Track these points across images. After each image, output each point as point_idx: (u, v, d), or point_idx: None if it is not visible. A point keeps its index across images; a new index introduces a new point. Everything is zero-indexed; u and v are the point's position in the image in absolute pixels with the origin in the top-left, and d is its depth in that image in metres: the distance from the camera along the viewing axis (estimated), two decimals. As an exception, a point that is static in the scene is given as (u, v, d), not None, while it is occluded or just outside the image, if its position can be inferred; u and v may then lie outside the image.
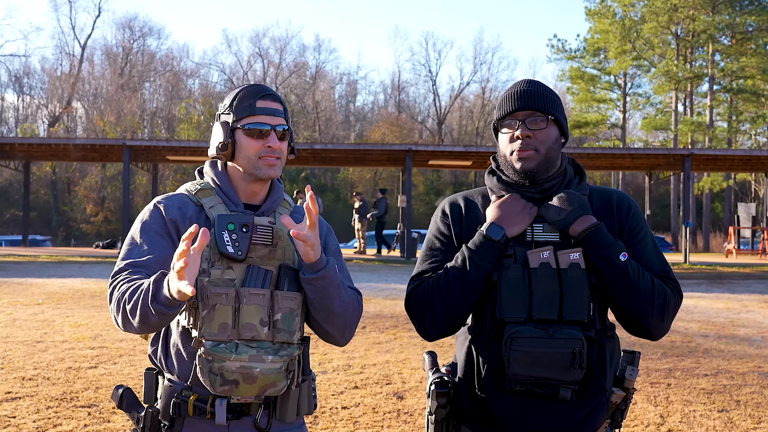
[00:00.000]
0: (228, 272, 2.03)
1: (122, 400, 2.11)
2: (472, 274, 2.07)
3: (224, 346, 1.96)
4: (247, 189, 2.17)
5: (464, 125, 57.56)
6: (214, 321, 1.97)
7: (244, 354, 1.96)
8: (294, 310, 2.05)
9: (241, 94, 2.16)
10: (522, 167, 2.12)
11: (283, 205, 2.23)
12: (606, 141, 49.81)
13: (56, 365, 6.70)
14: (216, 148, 2.14)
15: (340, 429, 5.04)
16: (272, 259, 2.08)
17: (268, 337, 2.01)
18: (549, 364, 1.98)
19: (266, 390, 1.99)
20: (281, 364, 2.00)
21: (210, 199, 2.14)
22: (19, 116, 54.12)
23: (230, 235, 2.03)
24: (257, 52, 57.20)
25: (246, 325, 1.99)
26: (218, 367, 1.95)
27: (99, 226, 44.07)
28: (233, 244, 2.03)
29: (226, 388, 1.96)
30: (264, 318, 2.01)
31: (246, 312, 1.99)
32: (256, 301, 2.01)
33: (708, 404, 5.79)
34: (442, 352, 7.09)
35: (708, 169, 30.55)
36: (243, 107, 2.13)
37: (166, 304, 1.85)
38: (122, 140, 24.56)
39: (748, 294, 13.78)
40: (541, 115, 2.11)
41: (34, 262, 18.79)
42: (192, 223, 2.09)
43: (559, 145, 2.15)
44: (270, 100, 2.15)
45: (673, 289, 2.12)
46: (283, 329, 2.02)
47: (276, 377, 1.99)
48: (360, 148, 26.25)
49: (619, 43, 41.56)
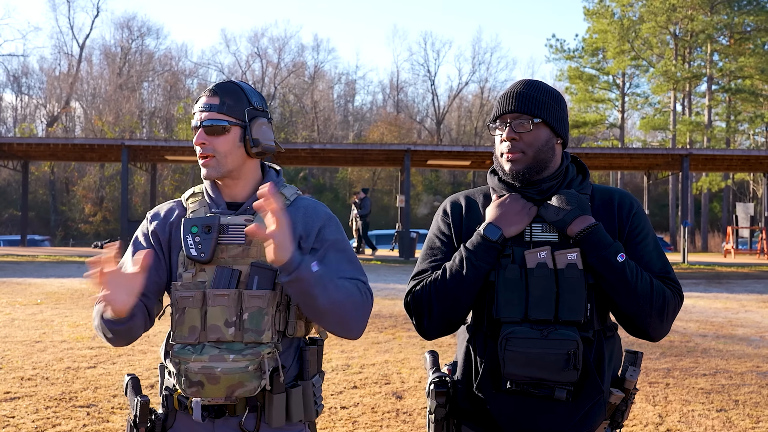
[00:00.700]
0: (200, 275, 2.05)
1: (127, 386, 2.16)
2: (470, 274, 2.08)
3: (190, 348, 1.99)
4: (224, 189, 2.16)
5: (463, 125, 57.56)
6: (185, 324, 2.01)
7: (206, 354, 1.96)
8: (263, 309, 2.00)
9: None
10: (510, 168, 2.13)
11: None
12: (604, 141, 49.84)
13: (55, 365, 6.70)
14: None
15: (339, 429, 5.04)
16: (246, 257, 2.05)
17: (237, 338, 1.99)
18: (544, 365, 1.97)
19: (234, 390, 1.95)
20: (246, 363, 1.95)
21: (195, 203, 2.16)
22: (18, 116, 54.06)
23: (193, 238, 2.05)
24: (256, 52, 57.20)
25: (211, 327, 2.00)
26: (184, 369, 1.97)
27: (97, 225, 44.05)
28: (196, 247, 2.04)
29: (193, 390, 1.96)
30: (230, 318, 2.00)
31: (212, 314, 2.00)
32: (221, 302, 2.00)
33: (706, 404, 5.79)
34: (442, 351, 7.09)
35: (706, 169, 30.56)
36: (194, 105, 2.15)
37: (110, 320, 1.96)
38: (121, 140, 24.54)
39: (747, 294, 13.80)
40: (528, 117, 2.10)
41: (33, 262, 18.78)
42: (171, 229, 2.15)
43: (550, 147, 2.13)
44: (208, 95, 2.10)
45: (674, 290, 2.11)
46: (251, 329, 1.99)
47: (242, 377, 1.95)
48: (359, 148, 26.25)
49: (618, 43, 41.58)
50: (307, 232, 2.13)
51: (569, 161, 2.22)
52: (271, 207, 1.82)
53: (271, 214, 1.83)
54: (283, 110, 54.40)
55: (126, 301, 1.88)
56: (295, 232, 2.14)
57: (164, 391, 2.12)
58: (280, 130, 50.26)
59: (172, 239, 2.13)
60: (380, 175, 50.15)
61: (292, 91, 55.67)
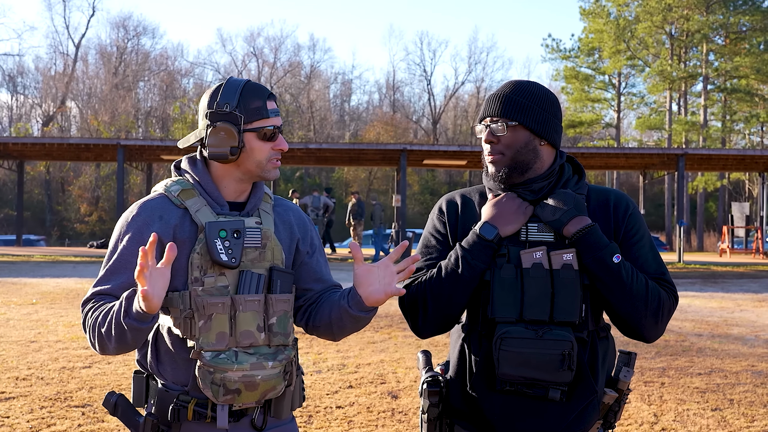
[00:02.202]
0: (221, 279, 1.99)
1: (116, 408, 2.06)
2: (465, 273, 2.08)
3: (224, 356, 1.95)
4: (238, 188, 2.11)
5: (459, 125, 57.59)
6: (211, 331, 1.96)
7: (245, 363, 1.95)
8: (287, 312, 2.05)
9: (247, 93, 2.06)
10: (492, 170, 2.16)
11: (264, 200, 2.18)
12: (600, 140, 49.90)
13: (50, 365, 6.69)
14: (228, 152, 2.02)
15: (334, 428, 5.04)
16: (263, 261, 2.05)
17: (265, 342, 2.01)
18: (538, 365, 1.98)
19: (267, 394, 2.00)
20: (280, 369, 2.00)
21: (194, 201, 2.05)
22: (13, 116, 53.94)
23: (223, 242, 1.98)
24: (252, 52, 57.17)
25: (243, 333, 1.98)
26: (220, 378, 1.93)
27: (93, 225, 43.97)
28: (227, 252, 1.98)
29: (228, 398, 1.95)
30: (260, 323, 2.00)
31: (242, 319, 1.98)
32: (252, 308, 1.99)
33: (701, 403, 5.80)
34: (436, 351, 7.10)
35: (702, 168, 30.63)
36: (254, 109, 2.04)
37: (138, 319, 1.85)
38: (116, 140, 24.53)
39: (742, 293, 13.83)
40: (503, 120, 2.11)
41: (28, 262, 18.74)
42: (176, 231, 2.03)
43: (531, 148, 2.12)
44: (273, 100, 2.12)
45: (669, 291, 2.11)
46: (279, 332, 2.02)
47: (275, 381, 2.00)
48: (355, 147, 26.25)
49: (614, 42, 41.61)
50: (302, 235, 2.20)
51: (563, 161, 2.22)
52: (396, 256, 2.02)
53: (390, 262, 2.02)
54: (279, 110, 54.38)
55: (161, 296, 1.83)
56: (293, 233, 2.18)
57: (172, 404, 2.03)
58: (276, 129, 50.18)
59: (178, 241, 2.02)
60: (376, 175, 50.15)
61: (288, 90, 55.60)
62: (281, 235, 2.14)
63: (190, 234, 2.03)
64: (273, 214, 2.15)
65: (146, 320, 1.86)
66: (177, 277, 1.99)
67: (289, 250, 2.15)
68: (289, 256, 2.15)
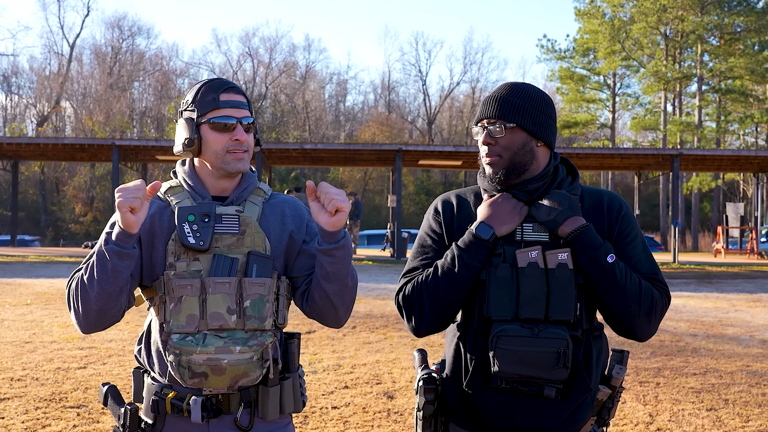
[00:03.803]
0: (194, 263, 2.03)
1: (106, 396, 2.13)
2: (461, 272, 2.09)
3: (191, 338, 1.97)
4: (217, 185, 2.16)
5: (454, 125, 57.63)
6: (181, 313, 1.99)
7: (211, 346, 1.96)
8: (264, 296, 2.04)
9: (203, 88, 2.12)
10: (489, 171, 2.17)
11: (256, 193, 2.20)
12: (595, 141, 49.97)
13: (45, 366, 6.68)
14: (182, 145, 2.11)
15: (330, 429, 5.04)
16: (241, 246, 2.07)
17: (238, 326, 2.00)
18: (534, 363, 1.99)
19: (238, 380, 1.99)
20: (252, 354, 1.99)
21: (179, 196, 2.13)
22: (8, 116, 53.80)
23: (191, 226, 2.03)
24: (247, 52, 57.07)
25: (213, 315, 1.99)
26: (186, 360, 1.96)
27: (88, 225, 43.89)
28: (194, 235, 2.02)
29: (195, 381, 1.96)
30: (231, 306, 2.00)
31: (212, 301, 2.00)
32: (222, 290, 2.01)
33: (697, 403, 5.82)
34: (432, 351, 7.10)
35: (697, 169, 30.70)
36: (206, 101, 2.09)
37: (118, 243, 1.92)
38: (111, 140, 24.48)
39: (737, 293, 13.87)
40: (501, 122, 2.13)
41: (23, 262, 18.70)
42: (154, 221, 2.11)
43: (528, 150, 2.15)
44: (233, 92, 2.13)
45: (661, 291, 2.14)
46: (253, 316, 2.02)
47: (247, 367, 1.98)
48: (350, 147, 26.23)
49: (609, 43, 41.71)
50: (297, 224, 2.21)
51: (558, 162, 2.24)
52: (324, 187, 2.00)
53: (324, 187, 1.99)
54: (274, 110, 54.33)
55: (142, 219, 1.92)
56: (286, 224, 2.20)
57: (153, 396, 2.08)
58: (271, 129, 50.22)
59: (156, 230, 2.09)
60: (372, 175, 50.15)
61: (283, 90, 55.56)
62: (269, 225, 2.15)
63: (169, 224, 2.09)
64: (262, 205, 2.18)
65: (127, 244, 1.93)
66: (157, 265, 2.07)
67: (279, 239, 2.16)
68: (278, 245, 2.16)
